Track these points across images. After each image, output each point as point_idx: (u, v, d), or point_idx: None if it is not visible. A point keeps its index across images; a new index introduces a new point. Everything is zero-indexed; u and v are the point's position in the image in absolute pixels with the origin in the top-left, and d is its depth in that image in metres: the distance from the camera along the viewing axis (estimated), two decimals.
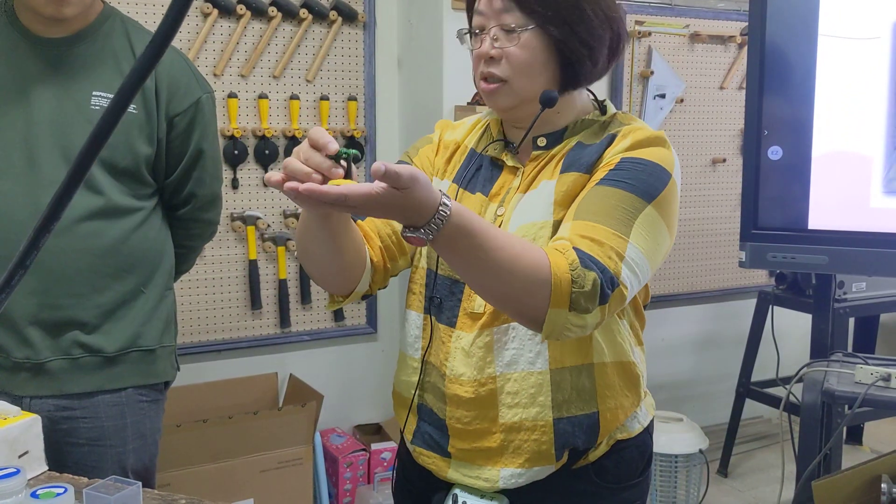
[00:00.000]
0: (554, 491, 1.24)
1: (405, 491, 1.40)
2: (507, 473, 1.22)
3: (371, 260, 1.24)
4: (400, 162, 1.32)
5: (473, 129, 1.34)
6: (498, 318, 1.20)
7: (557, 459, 1.21)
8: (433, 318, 1.27)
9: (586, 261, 1.03)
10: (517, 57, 1.18)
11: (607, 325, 1.21)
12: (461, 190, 1.27)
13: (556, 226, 1.15)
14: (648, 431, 1.32)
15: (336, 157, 0.93)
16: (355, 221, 1.26)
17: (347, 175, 0.94)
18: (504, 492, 1.24)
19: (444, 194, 0.96)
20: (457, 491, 1.25)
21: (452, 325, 1.24)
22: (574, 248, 1.04)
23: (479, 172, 1.28)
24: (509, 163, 1.26)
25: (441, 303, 1.26)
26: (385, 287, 1.30)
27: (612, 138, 1.19)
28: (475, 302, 1.22)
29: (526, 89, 1.20)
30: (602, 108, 1.28)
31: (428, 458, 1.30)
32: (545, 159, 1.23)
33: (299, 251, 1.21)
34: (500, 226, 1.20)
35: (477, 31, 1.21)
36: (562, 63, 1.19)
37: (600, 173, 1.15)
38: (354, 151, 0.95)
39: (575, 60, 1.18)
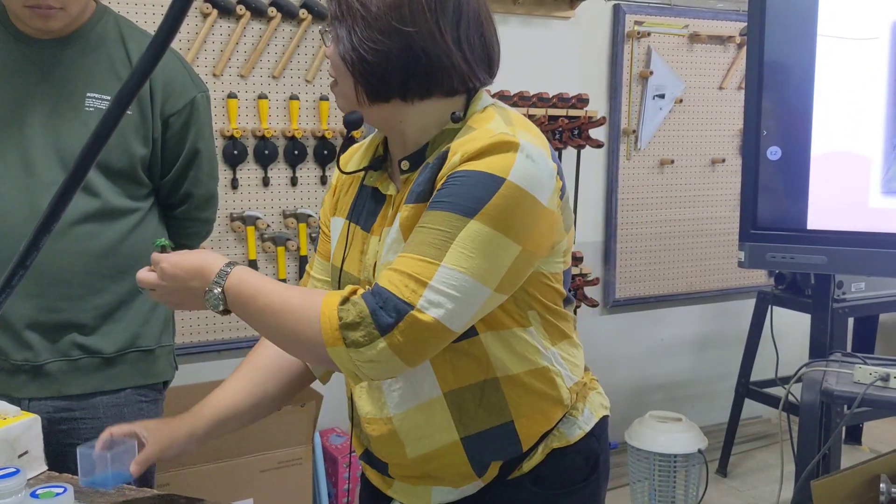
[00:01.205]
0: (491, 503, 1.21)
1: (365, 495, 1.41)
2: (438, 491, 1.22)
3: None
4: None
5: (366, 150, 1.25)
6: None
7: (480, 476, 1.19)
8: None
9: (367, 295, 1.00)
10: (330, 58, 1.10)
11: (503, 338, 1.14)
12: (353, 225, 1.22)
13: None
14: (594, 434, 1.24)
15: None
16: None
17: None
18: None
19: (234, 264, 1.08)
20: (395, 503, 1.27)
21: None
22: (375, 284, 1.02)
23: (367, 204, 1.21)
24: (384, 191, 1.18)
25: None
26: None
27: (444, 157, 1.07)
28: None
29: (350, 96, 1.10)
30: (466, 109, 1.13)
31: (372, 475, 1.32)
32: (411, 184, 1.13)
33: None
34: (375, 263, 1.16)
35: None
36: (351, 71, 1.08)
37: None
38: (163, 242, 1.17)
39: (356, 70, 1.07)
